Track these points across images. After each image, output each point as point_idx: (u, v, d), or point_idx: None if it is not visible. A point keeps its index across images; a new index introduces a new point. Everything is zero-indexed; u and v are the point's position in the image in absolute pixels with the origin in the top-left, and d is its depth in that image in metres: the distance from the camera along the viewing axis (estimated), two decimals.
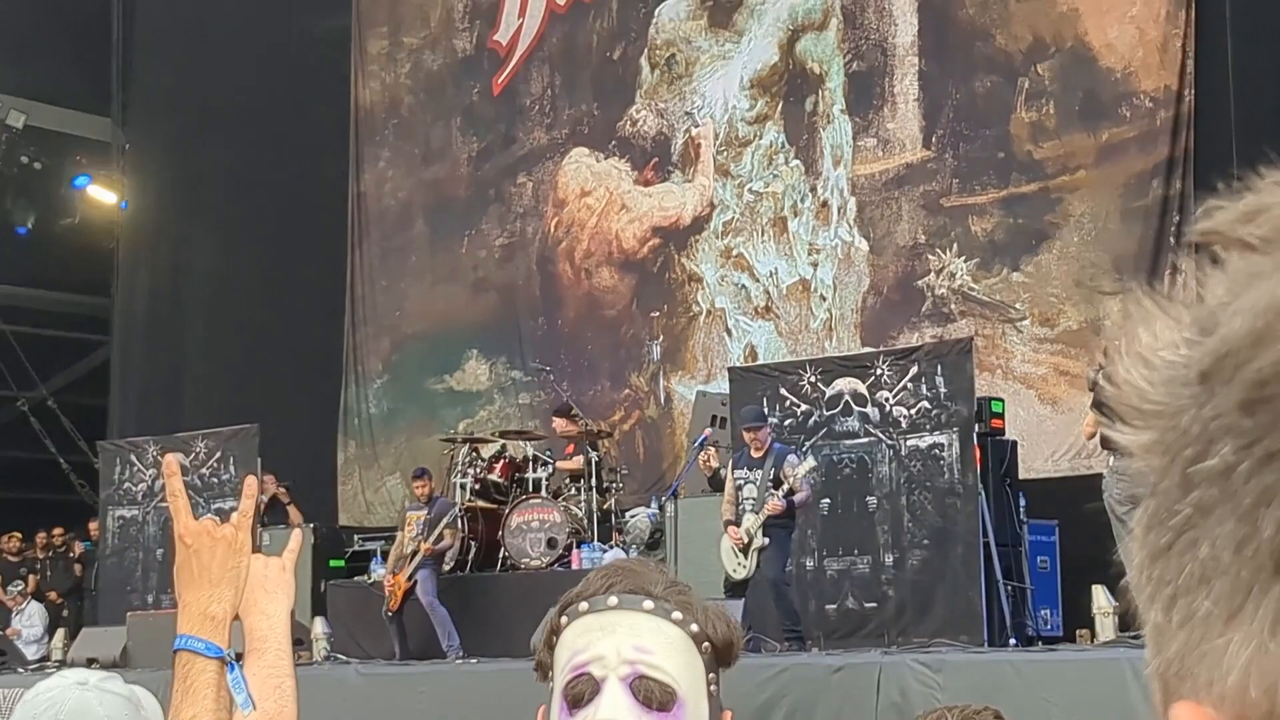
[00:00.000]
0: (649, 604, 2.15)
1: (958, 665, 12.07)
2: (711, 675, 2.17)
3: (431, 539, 16.61)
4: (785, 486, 14.03)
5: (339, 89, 24.46)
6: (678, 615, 2.15)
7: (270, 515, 19.36)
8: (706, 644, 2.16)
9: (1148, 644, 0.77)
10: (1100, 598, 13.37)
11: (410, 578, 16.59)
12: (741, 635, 2.26)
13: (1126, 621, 13.02)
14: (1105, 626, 13.32)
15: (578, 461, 17.77)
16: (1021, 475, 15.11)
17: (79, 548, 23.87)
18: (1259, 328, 0.71)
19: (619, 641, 2.13)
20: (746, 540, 14.10)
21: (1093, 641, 13.38)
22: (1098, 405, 12.99)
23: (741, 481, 14.26)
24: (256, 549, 2.73)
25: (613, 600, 2.15)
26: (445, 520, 16.75)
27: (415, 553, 16.65)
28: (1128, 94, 17.47)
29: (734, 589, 14.37)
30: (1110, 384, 0.77)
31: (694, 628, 2.15)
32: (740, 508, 14.24)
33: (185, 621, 2.63)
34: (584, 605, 2.17)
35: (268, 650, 2.67)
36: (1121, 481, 12.73)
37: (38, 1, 26.18)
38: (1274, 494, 0.69)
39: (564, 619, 2.18)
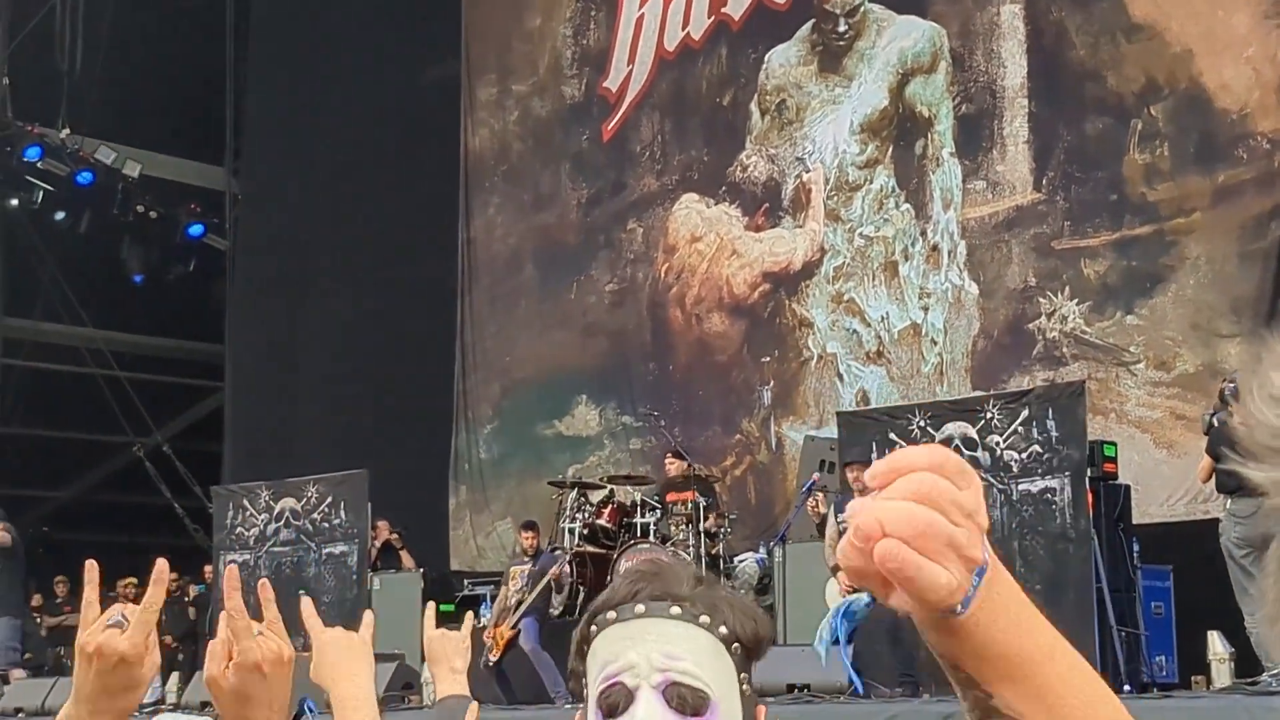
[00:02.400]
0: (676, 610, 2.16)
1: None
2: (744, 675, 2.19)
3: (536, 591, 16.64)
4: None
5: (448, 136, 24.61)
6: (705, 619, 2.16)
7: (384, 560, 19.47)
8: (736, 645, 2.18)
9: None
10: (1216, 644, 13.19)
11: (514, 626, 16.62)
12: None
13: (1243, 668, 12.86)
14: (1221, 673, 13.15)
15: (689, 494, 17.66)
16: (1135, 520, 14.91)
17: (193, 591, 24.04)
18: None
19: (649, 650, 2.14)
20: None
21: (1209, 688, 13.19)
22: (1219, 445, 12.84)
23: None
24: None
25: (640, 608, 2.16)
26: (550, 573, 16.77)
27: (520, 603, 16.68)
28: (1244, 135, 17.25)
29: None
30: (1242, 424, 0.75)
31: (723, 630, 2.17)
32: None
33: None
34: (612, 614, 2.18)
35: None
36: (1239, 525, 12.56)
37: (152, 52, 26.52)
38: None
39: (593, 628, 2.20)
